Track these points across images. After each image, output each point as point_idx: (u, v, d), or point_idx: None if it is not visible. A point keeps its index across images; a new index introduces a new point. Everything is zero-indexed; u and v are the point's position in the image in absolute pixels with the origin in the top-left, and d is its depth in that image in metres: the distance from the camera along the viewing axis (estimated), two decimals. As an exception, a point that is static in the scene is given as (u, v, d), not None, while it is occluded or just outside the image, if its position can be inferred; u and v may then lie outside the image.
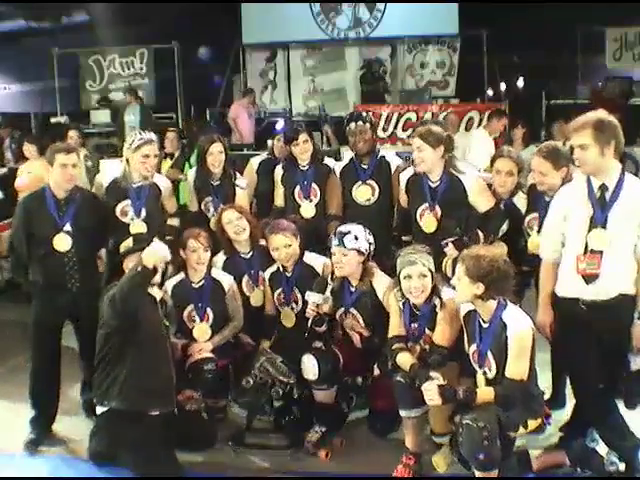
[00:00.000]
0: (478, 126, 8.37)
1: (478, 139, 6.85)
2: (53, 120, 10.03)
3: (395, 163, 4.24)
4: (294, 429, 3.58)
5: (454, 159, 3.88)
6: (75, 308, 3.64)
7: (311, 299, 3.54)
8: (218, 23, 10.19)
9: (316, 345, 3.53)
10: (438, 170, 3.76)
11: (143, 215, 3.96)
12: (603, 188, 3.02)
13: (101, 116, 10.34)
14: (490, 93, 10.82)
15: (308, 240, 3.95)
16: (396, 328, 3.34)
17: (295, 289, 3.82)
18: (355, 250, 3.52)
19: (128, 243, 3.58)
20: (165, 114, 10.29)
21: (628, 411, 3.17)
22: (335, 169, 4.33)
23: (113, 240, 3.94)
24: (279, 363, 3.56)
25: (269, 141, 5.15)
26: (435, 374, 3.02)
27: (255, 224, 3.99)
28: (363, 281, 3.58)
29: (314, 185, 4.29)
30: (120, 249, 3.72)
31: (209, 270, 3.82)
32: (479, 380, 3.06)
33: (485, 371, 3.04)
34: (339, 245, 3.51)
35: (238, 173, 4.52)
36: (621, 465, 3.12)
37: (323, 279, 3.63)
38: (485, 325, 3.03)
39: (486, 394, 2.92)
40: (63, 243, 3.57)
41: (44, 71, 11.02)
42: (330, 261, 3.67)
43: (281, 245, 3.78)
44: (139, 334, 3.29)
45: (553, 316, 3.19)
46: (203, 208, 4.35)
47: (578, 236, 3.04)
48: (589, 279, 3.01)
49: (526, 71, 12.31)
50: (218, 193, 4.31)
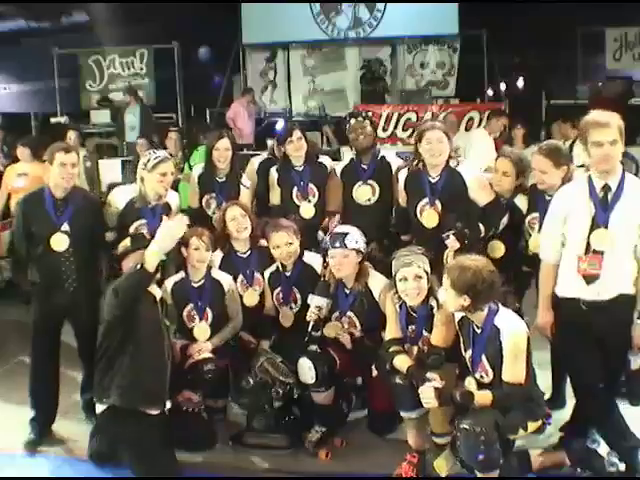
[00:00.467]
0: (478, 126, 8.37)
1: (478, 139, 6.85)
2: (53, 120, 10.03)
3: (396, 164, 4.23)
4: (294, 429, 3.58)
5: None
6: (73, 308, 3.64)
7: (314, 302, 3.52)
8: (218, 23, 10.17)
9: (312, 348, 3.51)
10: (440, 165, 3.78)
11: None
12: (606, 188, 3.01)
13: (101, 116, 10.34)
14: (490, 93, 10.81)
15: (308, 240, 3.95)
16: (393, 331, 3.33)
17: (294, 289, 3.82)
18: (355, 250, 3.52)
19: (126, 243, 3.57)
20: (165, 114, 10.29)
21: (628, 411, 3.18)
22: (336, 169, 4.33)
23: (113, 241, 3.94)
24: (279, 363, 3.56)
25: (269, 141, 5.15)
26: (432, 375, 3.02)
27: (256, 225, 3.98)
28: (359, 282, 3.56)
29: (311, 185, 4.28)
30: (119, 249, 3.71)
31: (209, 270, 3.82)
32: (474, 385, 3.05)
33: (482, 375, 3.03)
34: (341, 247, 3.49)
35: (243, 173, 4.50)
36: (621, 465, 3.12)
37: (325, 283, 3.60)
38: (478, 331, 3.02)
39: (484, 398, 2.90)
40: (60, 243, 3.57)
41: (44, 71, 11.02)
42: (324, 263, 3.64)
43: (282, 243, 3.78)
44: (138, 331, 3.28)
45: (553, 316, 3.19)
46: (204, 204, 4.32)
47: (579, 236, 3.04)
48: (590, 279, 3.01)
49: (526, 71, 12.29)
50: (222, 190, 4.29)
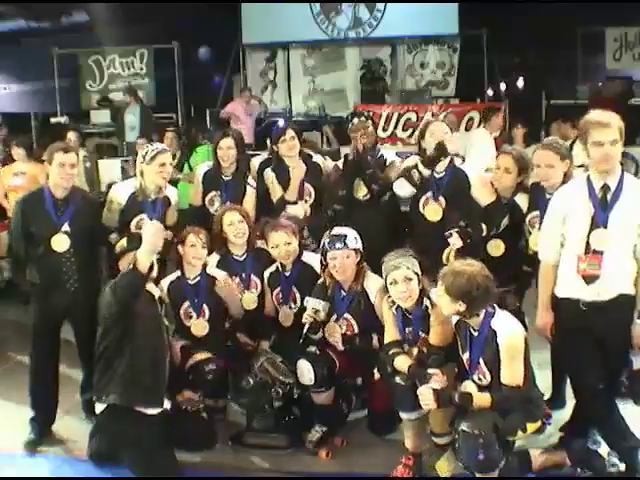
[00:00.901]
0: (478, 126, 8.36)
1: (479, 138, 6.83)
2: (53, 120, 10.02)
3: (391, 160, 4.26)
4: (294, 429, 3.59)
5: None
6: (74, 308, 3.64)
7: (310, 304, 3.51)
8: (218, 23, 10.16)
9: (311, 350, 3.51)
10: (445, 161, 3.77)
11: None
12: (605, 188, 3.01)
13: (101, 116, 10.32)
14: (490, 93, 10.80)
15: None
16: (391, 334, 3.33)
17: (294, 288, 3.82)
18: (355, 250, 3.52)
19: (123, 243, 3.56)
20: (165, 114, 10.28)
21: (628, 411, 3.18)
22: (338, 164, 4.34)
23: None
24: (279, 363, 3.56)
25: (269, 141, 5.13)
26: (434, 370, 3.02)
27: (254, 229, 3.98)
28: (356, 283, 3.55)
29: (307, 185, 4.29)
30: (116, 249, 3.71)
31: (204, 267, 3.82)
32: (472, 387, 3.04)
33: (480, 378, 3.02)
34: (342, 248, 3.48)
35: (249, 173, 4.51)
36: (621, 466, 3.12)
37: (323, 285, 3.59)
38: (475, 334, 3.02)
39: (482, 400, 2.90)
40: (61, 243, 3.57)
41: (44, 71, 11.00)
42: (322, 265, 3.63)
43: (281, 242, 3.77)
44: (137, 330, 3.28)
45: (553, 317, 3.19)
46: (207, 202, 4.31)
47: (579, 236, 3.04)
48: (589, 280, 3.01)
49: (526, 71, 12.28)
50: (228, 188, 4.28)
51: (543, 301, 3.22)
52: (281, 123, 8.99)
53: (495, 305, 3.03)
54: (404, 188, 3.78)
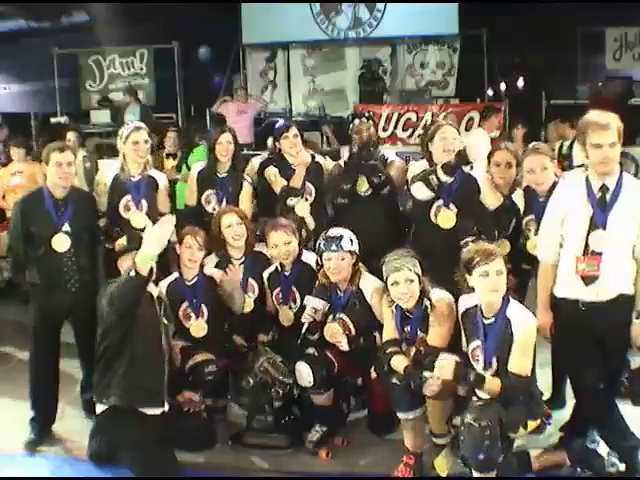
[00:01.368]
0: (478, 126, 8.36)
1: (476, 138, 6.82)
2: (53, 120, 10.01)
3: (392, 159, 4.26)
4: (294, 429, 3.59)
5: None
6: (75, 308, 3.64)
7: (310, 304, 3.51)
8: (218, 23, 10.16)
9: (309, 352, 3.51)
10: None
11: (144, 207, 3.96)
12: (604, 189, 3.01)
13: (101, 116, 10.31)
14: (490, 93, 10.79)
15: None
16: (389, 332, 3.33)
17: (293, 288, 3.82)
18: (350, 252, 3.51)
19: (122, 242, 3.55)
20: (165, 114, 10.27)
21: (628, 411, 3.18)
22: (340, 163, 4.34)
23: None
24: (279, 363, 3.56)
25: (269, 141, 5.14)
26: (429, 373, 3.02)
27: (253, 230, 3.98)
28: (352, 283, 3.55)
29: (308, 184, 4.28)
30: (115, 248, 3.71)
31: (202, 268, 3.83)
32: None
33: (485, 367, 3.01)
34: (337, 250, 3.47)
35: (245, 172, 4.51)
36: (621, 466, 3.12)
37: (323, 285, 3.58)
38: (488, 322, 3.02)
39: (493, 383, 2.90)
40: (62, 243, 3.57)
41: (44, 71, 10.99)
42: (318, 266, 3.62)
43: (280, 242, 3.77)
44: (136, 331, 3.29)
45: (552, 317, 3.19)
46: (204, 200, 4.29)
47: (577, 237, 3.04)
48: (588, 280, 3.01)
49: (526, 71, 12.27)
50: (223, 186, 4.27)
51: (542, 301, 3.23)
52: (281, 123, 9.04)
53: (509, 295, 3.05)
54: (422, 191, 3.77)
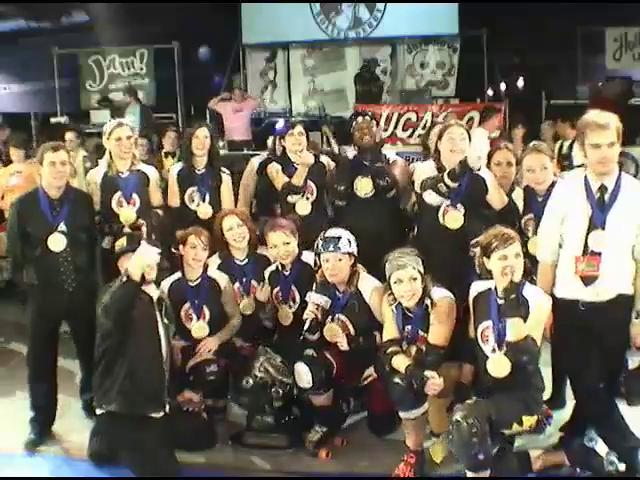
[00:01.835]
0: (479, 126, 8.35)
1: (476, 138, 6.81)
2: (53, 120, 10.01)
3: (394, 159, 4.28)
4: (294, 429, 3.59)
5: None
6: (71, 308, 3.64)
7: (313, 299, 3.51)
8: (218, 23, 10.16)
9: (307, 353, 3.50)
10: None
11: (137, 202, 3.98)
12: (603, 189, 3.01)
13: (101, 116, 10.28)
14: (490, 93, 10.79)
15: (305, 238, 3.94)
16: (390, 332, 3.33)
17: (293, 287, 3.82)
18: (348, 254, 3.50)
19: (122, 242, 3.55)
20: (165, 114, 10.28)
21: (628, 411, 3.18)
22: (340, 162, 4.35)
23: (110, 239, 3.94)
24: (279, 363, 3.57)
25: (269, 141, 5.14)
26: (431, 373, 3.02)
27: (254, 230, 3.98)
28: (350, 283, 3.54)
29: (310, 182, 4.28)
30: (115, 248, 3.70)
31: (205, 269, 3.82)
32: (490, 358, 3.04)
33: (494, 348, 3.02)
34: (334, 251, 3.47)
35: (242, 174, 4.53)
36: (620, 465, 3.12)
37: (326, 283, 3.57)
38: (502, 301, 3.02)
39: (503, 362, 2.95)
40: (58, 243, 3.57)
41: (44, 71, 11.00)
42: (316, 266, 3.61)
43: (280, 242, 3.77)
44: (135, 334, 3.28)
45: (552, 317, 3.19)
46: (187, 200, 4.33)
47: (577, 237, 3.04)
48: (588, 280, 3.01)
49: (526, 71, 12.27)
50: (203, 182, 4.32)
51: (542, 301, 3.23)
52: (281, 123, 9.04)
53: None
54: (433, 198, 3.74)
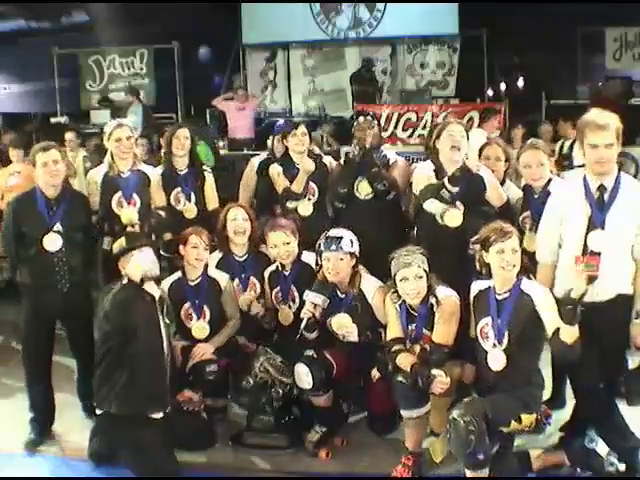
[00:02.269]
0: (478, 127, 8.35)
1: (474, 138, 6.81)
2: (53, 120, 10.02)
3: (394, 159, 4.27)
4: (294, 429, 3.59)
5: None
6: (66, 309, 3.63)
7: (310, 298, 3.50)
8: (218, 23, 10.17)
9: (308, 353, 3.49)
10: (458, 162, 3.74)
11: (137, 202, 3.98)
12: (602, 189, 3.01)
13: (101, 116, 10.29)
14: (490, 93, 10.79)
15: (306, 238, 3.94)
16: (394, 330, 3.33)
17: (292, 287, 3.82)
18: (350, 254, 3.50)
19: (122, 242, 3.52)
20: (165, 114, 10.27)
21: (628, 411, 3.18)
22: (340, 162, 4.35)
23: (110, 239, 3.94)
24: (279, 363, 3.56)
25: (269, 141, 5.13)
26: (437, 371, 3.03)
27: (256, 229, 3.99)
28: (352, 285, 3.54)
29: (312, 184, 4.28)
30: (114, 248, 3.69)
31: (206, 268, 3.82)
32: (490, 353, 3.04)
33: (495, 343, 3.03)
34: (337, 250, 3.47)
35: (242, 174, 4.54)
36: (620, 465, 3.12)
37: (325, 282, 3.56)
38: (502, 297, 3.04)
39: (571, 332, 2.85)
40: (53, 243, 3.56)
41: (44, 71, 11.01)
42: (317, 266, 3.61)
43: (280, 242, 3.77)
44: (138, 336, 3.27)
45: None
46: (173, 201, 4.31)
47: (576, 237, 3.04)
48: (587, 280, 3.00)
49: (526, 71, 12.27)
50: (187, 182, 4.33)
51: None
52: (281, 123, 9.04)
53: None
54: (435, 206, 3.72)
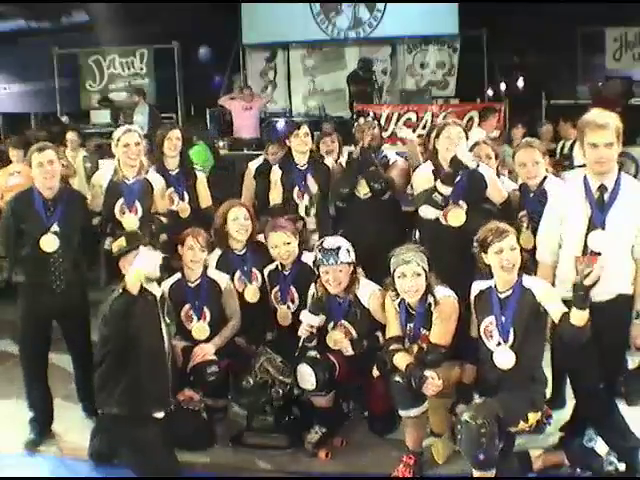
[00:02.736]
0: (478, 127, 8.35)
1: (474, 137, 6.81)
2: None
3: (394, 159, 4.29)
4: (294, 429, 3.59)
5: None
6: (61, 309, 3.62)
7: (306, 320, 3.48)
8: (218, 23, 10.17)
9: (311, 354, 3.49)
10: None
11: (139, 211, 3.97)
12: (602, 189, 3.01)
13: (101, 116, 10.33)
14: (490, 93, 10.79)
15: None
16: (393, 329, 3.34)
17: (292, 287, 3.82)
18: (348, 264, 3.48)
19: (121, 243, 3.51)
20: (165, 114, 10.27)
21: (628, 411, 3.18)
22: (342, 162, 4.35)
23: (111, 239, 3.93)
24: (279, 363, 3.56)
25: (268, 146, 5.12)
26: (430, 373, 3.02)
27: (256, 226, 4.00)
28: (350, 290, 3.53)
29: (314, 184, 4.27)
30: (113, 248, 3.68)
31: (205, 270, 3.82)
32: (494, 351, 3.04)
33: (500, 342, 3.03)
34: (335, 263, 3.44)
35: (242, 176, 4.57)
36: (620, 465, 3.12)
37: (319, 300, 3.54)
38: (504, 295, 3.05)
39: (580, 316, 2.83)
40: (50, 244, 3.55)
41: (44, 71, 11.01)
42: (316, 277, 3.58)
43: (280, 243, 3.77)
44: (139, 336, 3.27)
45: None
46: (167, 201, 4.30)
47: (576, 238, 3.04)
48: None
49: (526, 71, 12.26)
50: (179, 181, 4.34)
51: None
52: (281, 124, 9.05)
53: None
54: (430, 212, 3.75)
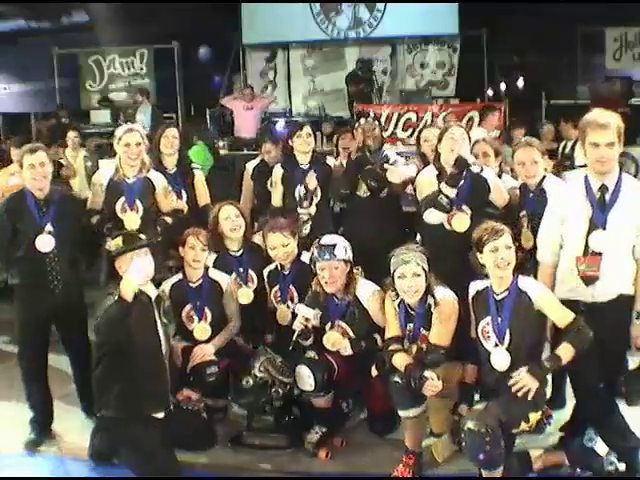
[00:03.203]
0: (478, 126, 8.35)
1: (475, 137, 6.82)
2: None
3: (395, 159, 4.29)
4: (294, 429, 3.58)
5: None
6: (57, 310, 3.61)
7: (301, 312, 3.46)
8: (218, 23, 10.18)
9: (309, 355, 3.49)
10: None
11: (140, 209, 3.97)
12: (603, 189, 3.01)
13: (101, 116, 10.33)
14: (490, 93, 10.79)
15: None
16: (392, 329, 3.33)
17: (291, 287, 3.82)
18: (344, 261, 3.47)
19: (117, 242, 3.48)
20: (165, 114, 10.27)
21: (628, 411, 3.18)
22: (343, 162, 4.36)
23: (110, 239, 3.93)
24: (279, 363, 3.56)
25: (263, 146, 5.10)
26: (430, 373, 3.02)
27: (248, 223, 4.02)
28: (348, 290, 3.51)
29: (315, 184, 4.28)
30: (110, 246, 3.67)
31: (206, 270, 3.82)
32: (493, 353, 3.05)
33: (497, 343, 3.03)
34: (330, 259, 3.42)
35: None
36: (620, 465, 3.12)
37: (316, 293, 3.52)
38: (500, 296, 3.05)
39: (567, 351, 2.91)
40: (45, 244, 3.54)
41: (44, 71, 11.02)
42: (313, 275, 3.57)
43: (279, 244, 3.77)
44: (135, 338, 3.23)
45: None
46: None
47: (577, 238, 3.04)
48: (588, 281, 3.01)
49: (526, 71, 12.27)
50: (176, 180, 4.34)
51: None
52: (281, 124, 9.05)
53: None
54: (434, 216, 3.73)
